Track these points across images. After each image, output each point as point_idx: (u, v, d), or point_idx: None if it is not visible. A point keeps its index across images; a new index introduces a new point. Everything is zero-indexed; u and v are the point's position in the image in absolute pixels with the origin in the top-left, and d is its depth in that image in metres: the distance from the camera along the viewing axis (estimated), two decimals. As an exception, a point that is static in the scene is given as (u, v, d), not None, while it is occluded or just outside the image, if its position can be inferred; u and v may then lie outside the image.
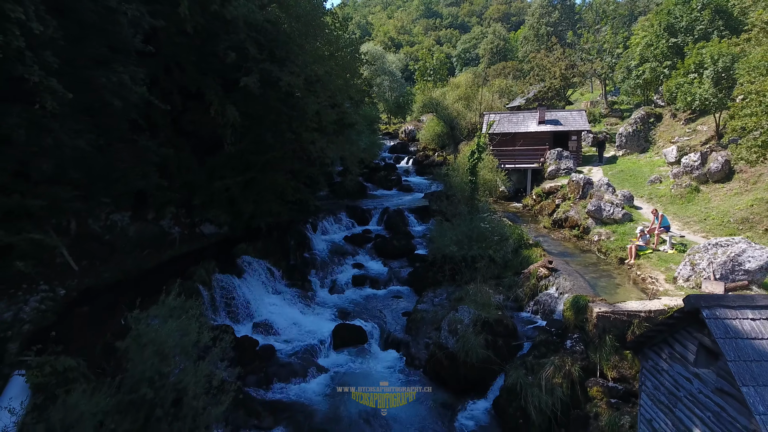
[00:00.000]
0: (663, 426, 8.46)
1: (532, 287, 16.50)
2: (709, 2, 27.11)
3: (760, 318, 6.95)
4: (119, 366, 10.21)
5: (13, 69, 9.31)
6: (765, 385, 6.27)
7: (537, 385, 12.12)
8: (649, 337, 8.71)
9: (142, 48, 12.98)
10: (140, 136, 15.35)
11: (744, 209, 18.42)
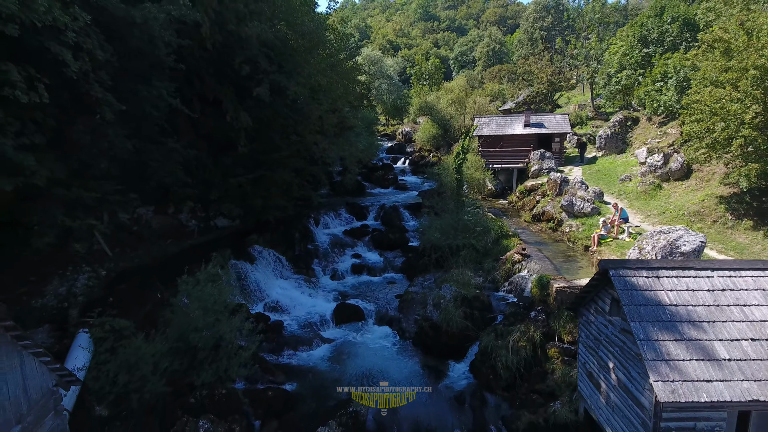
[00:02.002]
0: (591, 364, 10.92)
1: (507, 270, 18.97)
2: (678, 16, 29.57)
3: (651, 276, 9.41)
4: (159, 329, 12.64)
5: (81, 87, 11.74)
6: (647, 322, 8.71)
7: (505, 348, 14.57)
8: (581, 297, 11.17)
9: (174, 65, 15.41)
10: (167, 139, 17.74)
11: (696, 204, 20.90)
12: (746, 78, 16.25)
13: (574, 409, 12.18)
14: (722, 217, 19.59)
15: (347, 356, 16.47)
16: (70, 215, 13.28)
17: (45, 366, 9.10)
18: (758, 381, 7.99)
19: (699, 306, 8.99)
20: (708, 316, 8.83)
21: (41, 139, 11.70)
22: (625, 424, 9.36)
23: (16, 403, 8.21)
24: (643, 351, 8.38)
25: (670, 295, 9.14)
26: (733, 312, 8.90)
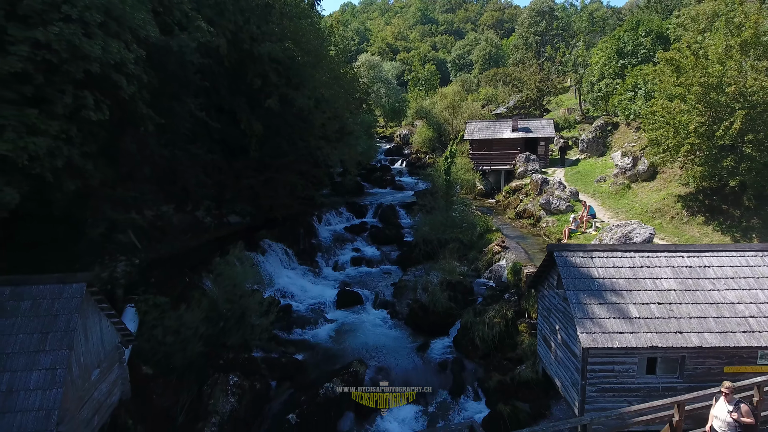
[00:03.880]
0: (545, 330, 13.54)
1: (488, 260, 21.58)
2: (651, 30, 32.16)
3: (586, 256, 12.01)
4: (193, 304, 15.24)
5: (130, 105, 14.33)
6: (579, 290, 11.30)
7: (482, 324, 17.16)
8: (538, 276, 13.79)
9: (199, 83, 18.00)
10: (191, 145, 20.31)
11: (658, 202, 23.53)
12: (691, 93, 18.86)
13: (535, 370, 14.78)
14: (679, 213, 22.21)
15: (348, 333, 19.06)
16: (116, 211, 15.88)
17: (114, 326, 11.71)
18: (658, 333, 10.59)
19: (621, 279, 11.60)
20: (627, 286, 11.44)
21: (95, 148, 14.29)
22: (567, 372, 11.96)
23: (97, 352, 10.82)
24: (574, 311, 10.99)
25: (600, 271, 11.75)
26: (647, 283, 11.51)
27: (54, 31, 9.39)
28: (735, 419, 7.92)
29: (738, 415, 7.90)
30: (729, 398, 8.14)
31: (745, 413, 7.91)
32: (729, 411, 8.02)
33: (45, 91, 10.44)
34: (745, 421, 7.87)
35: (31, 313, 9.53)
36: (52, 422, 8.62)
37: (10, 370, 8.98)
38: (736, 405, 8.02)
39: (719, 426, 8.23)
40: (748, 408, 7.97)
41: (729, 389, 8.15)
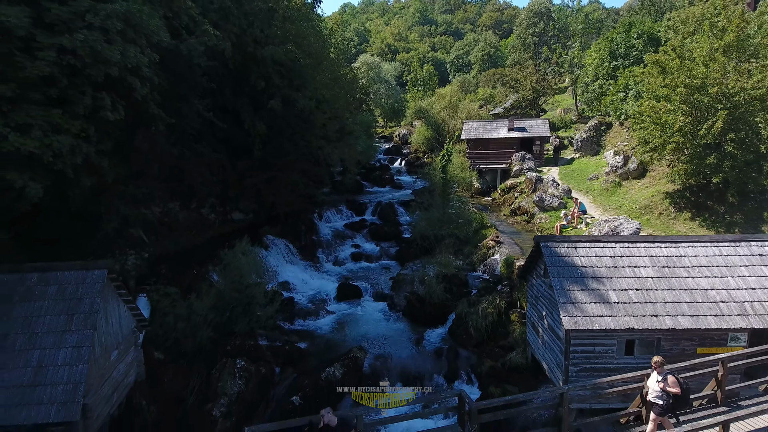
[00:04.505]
0: (533, 317, 14.40)
1: (483, 255, 22.44)
2: (643, 32, 33.02)
3: (570, 247, 12.87)
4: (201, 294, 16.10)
5: (142, 106, 15.18)
6: (563, 277, 12.16)
7: (476, 314, 18.02)
8: (527, 267, 14.65)
9: (206, 85, 18.86)
10: (197, 144, 21.15)
11: (647, 199, 24.39)
12: (676, 94, 19.72)
13: (525, 356, 15.63)
14: (666, 209, 23.07)
15: (348, 324, 19.91)
16: (128, 206, 16.74)
17: (130, 312, 12.56)
18: (635, 316, 11.44)
19: (602, 267, 12.46)
20: (608, 274, 12.30)
21: (110, 147, 15.14)
22: (552, 355, 12.81)
23: (116, 334, 11.67)
24: (558, 297, 11.85)
25: (583, 260, 12.61)
26: (626, 271, 12.37)
27: (79, 38, 10.25)
28: (662, 388, 8.76)
29: (664, 385, 8.74)
30: (659, 370, 8.98)
31: (672, 383, 8.73)
32: (657, 381, 8.87)
33: (68, 93, 11.29)
34: (671, 391, 8.70)
35: (57, 297, 10.39)
36: (79, 394, 9.48)
37: (39, 348, 9.84)
38: (664, 376, 8.87)
39: (652, 395, 9.09)
40: (675, 379, 8.79)
41: (657, 363, 9.02)
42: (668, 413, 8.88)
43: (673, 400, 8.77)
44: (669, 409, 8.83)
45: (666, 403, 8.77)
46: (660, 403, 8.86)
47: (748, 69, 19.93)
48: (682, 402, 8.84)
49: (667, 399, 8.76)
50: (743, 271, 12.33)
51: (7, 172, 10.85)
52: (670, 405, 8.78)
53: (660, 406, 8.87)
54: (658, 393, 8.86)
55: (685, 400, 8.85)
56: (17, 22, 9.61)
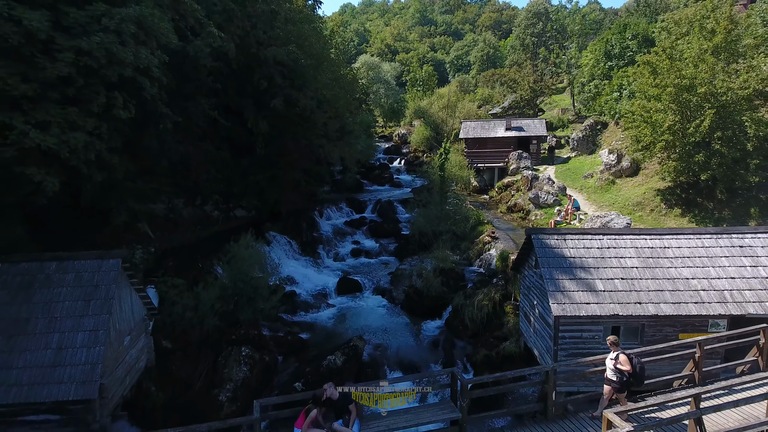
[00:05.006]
0: (525, 307, 15.05)
1: (479, 250, 23.09)
2: (637, 33, 33.67)
3: (560, 239, 13.52)
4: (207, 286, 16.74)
5: (150, 105, 15.83)
6: (552, 267, 12.80)
7: (472, 306, 18.65)
8: (519, 258, 15.30)
9: (212, 84, 19.51)
10: (202, 143, 21.79)
11: (639, 196, 25.05)
12: (666, 93, 20.38)
13: (519, 345, 16.27)
14: (658, 206, 23.72)
15: (348, 317, 20.56)
16: (137, 202, 17.39)
17: (141, 300, 13.21)
18: (620, 303, 12.09)
19: (590, 258, 13.11)
20: (595, 264, 12.95)
21: (120, 143, 15.79)
22: (543, 342, 13.46)
23: (128, 320, 12.32)
24: (548, 286, 12.50)
25: (572, 251, 13.26)
26: (612, 261, 13.02)
27: (96, 40, 10.89)
28: (613, 366, 9.35)
29: (615, 363, 9.31)
30: (613, 349, 9.58)
31: (623, 362, 9.30)
32: (611, 359, 9.49)
33: (83, 92, 11.93)
34: (622, 368, 9.27)
35: (75, 284, 11.05)
36: (96, 374, 10.14)
37: (59, 331, 10.50)
38: (616, 355, 9.45)
39: (607, 373, 9.66)
40: (626, 357, 9.34)
41: (611, 341, 9.65)
42: (623, 390, 9.42)
43: (627, 378, 9.31)
44: (624, 386, 9.37)
45: (620, 381, 9.32)
46: (614, 380, 9.42)
47: (736, 69, 20.59)
48: (636, 379, 9.37)
49: (620, 377, 9.29)
50: (723, 261, 12.98)
51: (27, 167, 11.50)
52: (624, 382, 9.32)
53: (615, 383, 9.43)
54: (612, 371, 9.42)
55: (638, 377, 9.38)
56: (39, 26, 10.25)
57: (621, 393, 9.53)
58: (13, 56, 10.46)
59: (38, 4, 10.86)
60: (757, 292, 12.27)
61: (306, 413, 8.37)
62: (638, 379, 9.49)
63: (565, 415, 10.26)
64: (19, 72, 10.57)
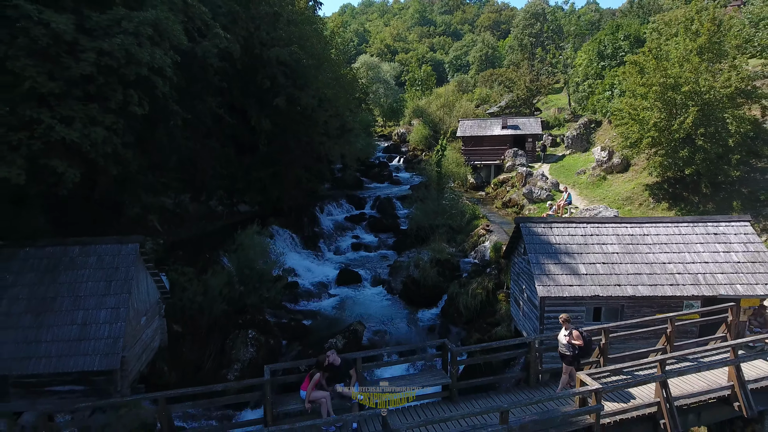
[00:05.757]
0: (515, 291, 15.99)
1: (474, 242, 24.03)
2: (629, 34, 34.63)
3: (546, 227, 14.46)
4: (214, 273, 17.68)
5: (161, 102, 16.77)
6: (539, 253, 13.74)
7: (466, 294, 19.59)
8: (510, 246, 16.24)
9: (219, 84, 20.45)
10: (208, 139, 22.73)
11: (629, 191, 25.99)
12: (652, 92, 21.32)
13: (510, 329, 17.20)
14: (646, 200, 24.65)
15: (348, 305, 21.53)
16: (148, 195, 18.34)
17: (155, 284, 14.15)
18: (601, 285, 13.03)
19: (574, 244, 14.05)
20: (578, 250, 13.89)
21: (133, 139, 16.72)
22: (530, 323, 14.39)
23: (144, 301, 13.26)
24: (533, 269, 13.44)
25: (557, 238, 14.20)
26: (595, 247, 13.96)
27: (117, 42, 11.83)
28: (568, 341, 10.13)
29: (569, 338, 10.09)
30: (566, 326, 10.33)
31: (576, 337, 10.08)
32: (565, 335, 10.26)
33: (103, 89, 12.87)
34: (575, 343, 10.04)
35: (97, 266, 12.00)
36: (118, 347, 11.08)
37: (83, 309, 11.44)
38: (570, 331, 10.21)
39: (561, 348, 10.42)
40: (578, 333, 10.12)
41: (563, 319, 10.43)
42: (575, 363, 10.22)
43: (578, 352, 10.10)
44: (575, 359, 10.18)
45: (572, 355, 10.11)
46: (567, 354, 10.20)
47: (719, 69, 21.53)
48: (585, 352, 10.19)
49: (573, 351, 10.07)
50: (698, 247, 13.92)
51: (51, 159, 12.43)
52: (576, 356, 10.13)
53: (568, 357, 10.21)
54: (566, 346, 10.20)
55: (588, 350, 10.21)
56: (65, 28, 11.18)
57: (572, 365, 10.27)
58: (41, 56, 11.39)
59: (63, 8, 11.80)
60: (728, 275, 13.22)
61: (310, 377, 9.29)
62: (587, 352, 10.29)
63: (547, 383, 11.20)
64: (46, 71, 11.50)
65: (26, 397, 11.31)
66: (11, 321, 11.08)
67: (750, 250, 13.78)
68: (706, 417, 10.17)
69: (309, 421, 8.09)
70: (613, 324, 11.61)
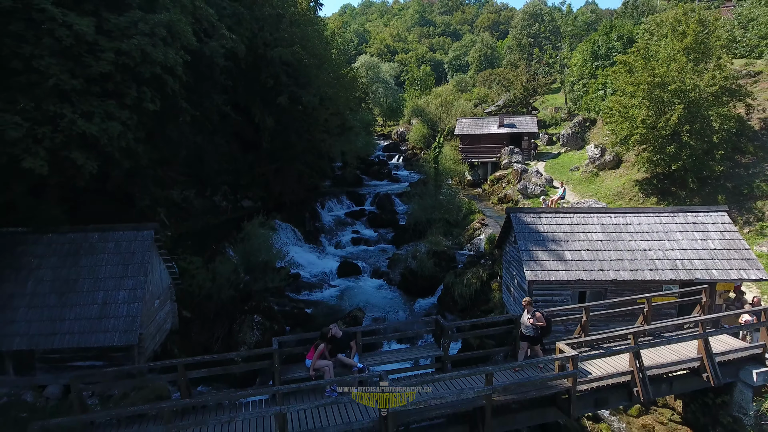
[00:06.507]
0: (507, 278, 16.89)
1: (469, 235, 24.94)
2: (622, 35, 35.52)
3: (535, 217, 15.36)
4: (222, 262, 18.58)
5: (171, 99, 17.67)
6: (528, 241, 14.64)
7: (461, 283, 20.47)
8: (501, 236, 17.14)
9: (225, 83, 21.36)
10: (214, 136, 23.64)
11: (620, 186, 26.91)
12: (640, 90, 22.23)
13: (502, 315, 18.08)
14: (636, 195, 25.57)
15: (349, 295, 22.40)
16: (157, 188, 19.23)
17: (168, 270, 15.04)
18: (585, 270, 13.92)
19: (561, 233, 14.95)
20: (565, 238, 14.78)
21: (144, 134, 17.62)
22: (521, 307, 15.24)
23: (158, 285, 14.16)
24: (522, 256, 14.34)
25: (545, 227, 15.10)
26: (580, 236, 14.86)
27: (134, 42, 12.74)
28: (531, 323, 10.80)
29: (534, 320, 10.77)
30: (528, 309, 11.01)
31: (538, 318, 10.77)
32: (528, 317, 10.93)
33: (120, 87, 13.77)
34: (538, 324, 10.73)
35: (115, 251, 12.90)
36: (136, 324, 11.98)
37: (103, 290, 12.34)
38: (532, 313, 10.88)
39: (523, 329, 11.09)
40: (540, 314, 10.82)
41: (526, 302, 11.16)
42: (537, 342, 10.95)
43: (541, 331, 10.83)
44: (538, 338, 10.90)
45: (535, 334, 10.82)
46: (531, 335, 10.89)
47: (705, 68, 22.44)
48: (546, 332, 10.93)
49: (535, 330, 10.79)
50: (678, 236, 14.82)
51: (72, 152, 13.32)
52: (538, 335, 10.84)
53: (531, 337, 10.91)
54: (528, 326, 10.87)
55: (548, 329, 10.93)
56: (87, 30, 12.08)
57: (535, 344, 11.01)
58: (64, 56, 12.29)
59: (84, 11, 12.69)
60: (705, 261, 14.12)
61: (315, 348, 10.19)
62: (547, 331, 11.02)
63: (531, 356, 12.09)
64: (68, 69, 12.39)
65: (50, 371, 12.21)
66: (37, 300, 11.99)
67: (726, 238, 14.68)
68: (678, 386, 11.05)
69: (314, 381, 8.99)
70: (593, 303, 12.50)
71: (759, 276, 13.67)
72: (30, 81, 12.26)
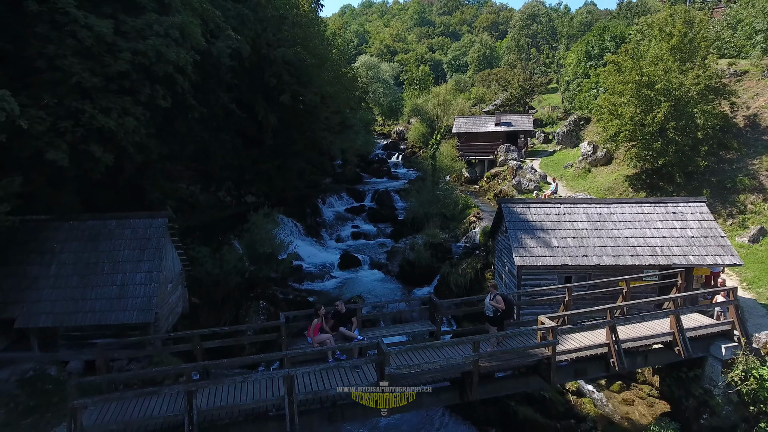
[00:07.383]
0: (499, 266, 17.86)
1: (465, 228, 25.90)
2: (615, 35, 36.50)
3: (524, 207, 16.32)
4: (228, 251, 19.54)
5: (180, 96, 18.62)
6: (517, 229, 15.61)
7: (457, 273, 21.43)
8: (494, 226, 18.10)
9: (230, 82, 22.31)
10: (219, 132, 24.59)
11: (611, 182, 27.86)
12: (628, 89, 23.20)
13: (494, 302, 19.04)
14: (626, 190, 26.52)
15: (349, 285, 23.37)
16: (167, 181, 20.19)
17: (179, 257, 16.00)
18: (571, 256, 14.89)
19: (548, 222, 15.92)
20: (552, 227, 15.75)
21: (154, 130, 18.57)
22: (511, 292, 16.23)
23: (171, 270, 15.11)
24: (512, 243, 15.30)
25: (534, 216, 16.07)
26: (567, 224, 15.83)
27: (150, 43, 13.70)
28: (492, 305, 11.48)
29: (495, 303, 11.44)
30: (492, 291, 11.75)
31: (497, 301, 11.44)
32: (490, 300, 11.61)
33: (135, 84, 14.72)
34: (497, 306, 11.39)
35: (132, 237, 13.85)
36: (153, 304, 12.93)
37: (121, 272, 13.29)
38: (494, 296, 11.59)
39: (485, 310, 11.76)
40: (500, 297, 11.50)
41: (491, 284, 11.95)
42: (498, 324, 11.56)
43: (501, 313, 11.49)
44: (498, 319, 11.56)
45: (495, 315, 11.50)
46: (490, 315, 11.57)
47: (691, 68, 23.40)
48: (507, 314, 11.61)
49: (495, 312, 11.46)
50: (658, 224, 15.79)
51: (90, 145, 14.27)
52: (498, 316, 11.50)
53: (490, 318, 11.61)
54: (489, 307, 11.57)
55: (509, 312, 11.65)
56: (106, 31, 13.04)
57: (494, 325, 11.64)
58: (85, 55, 13.24)
59: (103, 14, 13.65)
60: (682, 248, 15.09)
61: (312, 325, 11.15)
62: (509, 313, 11.73)
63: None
64: (89, 68, 13.35)
65: (72, 348, 13.16)
66: (61, 281, 12.95)
67: (703, 227, 15.65)
68: (653, 359, 12.01)
69: (318, 347, 9.95)
70: (576, 284, 13.46)
71: (733, 261, 14.64)
72: (53, 79, 13.21)
